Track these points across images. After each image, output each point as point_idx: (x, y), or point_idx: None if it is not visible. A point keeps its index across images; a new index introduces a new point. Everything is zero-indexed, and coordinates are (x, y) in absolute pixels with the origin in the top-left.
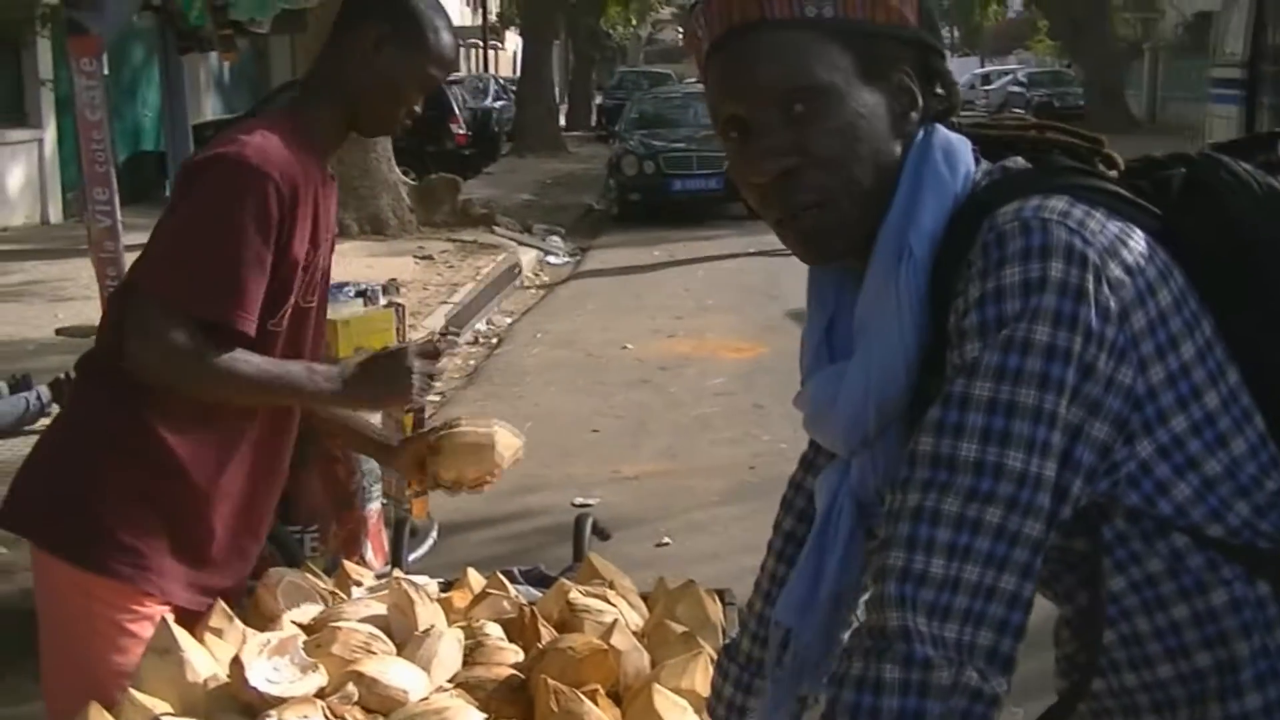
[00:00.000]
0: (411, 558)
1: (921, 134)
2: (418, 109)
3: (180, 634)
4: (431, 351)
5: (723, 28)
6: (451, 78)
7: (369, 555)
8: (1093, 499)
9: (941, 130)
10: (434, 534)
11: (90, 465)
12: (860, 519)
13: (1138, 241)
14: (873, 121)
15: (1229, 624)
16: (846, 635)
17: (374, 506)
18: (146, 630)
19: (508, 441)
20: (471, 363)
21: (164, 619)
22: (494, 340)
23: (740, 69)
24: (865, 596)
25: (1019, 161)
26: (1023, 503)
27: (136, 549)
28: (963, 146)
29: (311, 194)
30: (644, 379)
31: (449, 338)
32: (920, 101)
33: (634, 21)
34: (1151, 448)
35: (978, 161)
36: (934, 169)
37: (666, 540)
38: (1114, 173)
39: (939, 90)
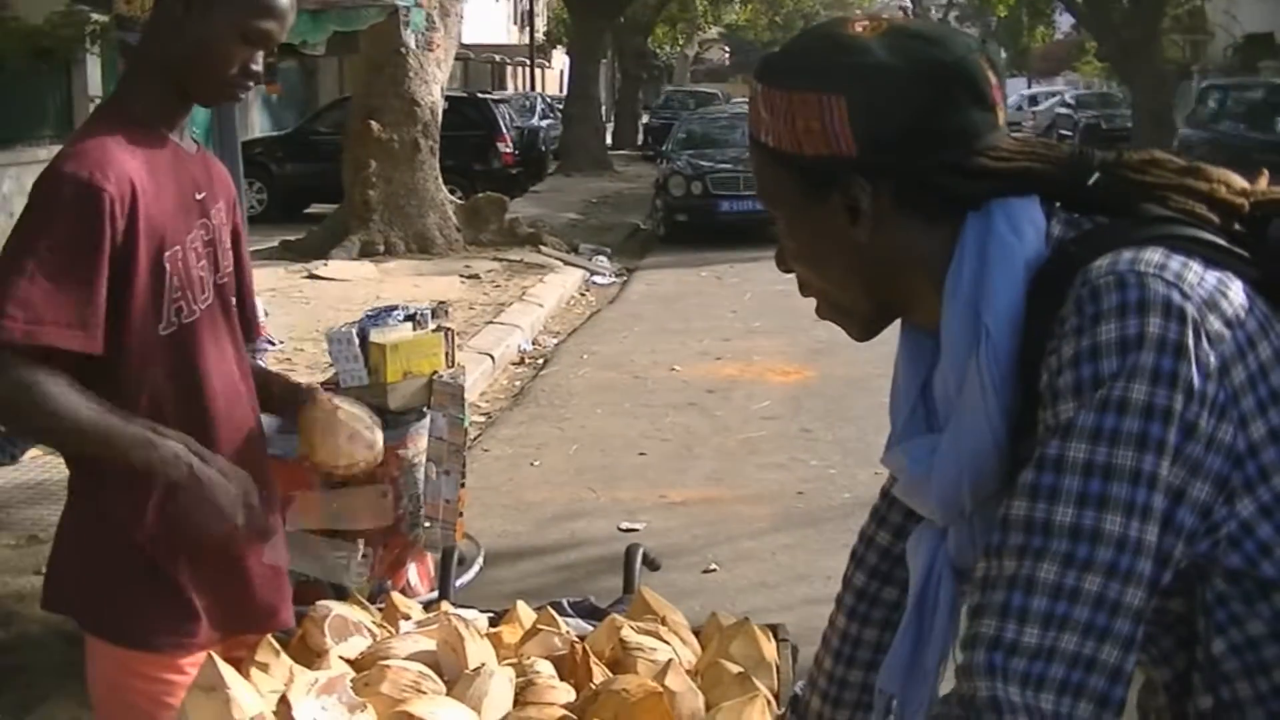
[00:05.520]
0: (457, 584)
1: (974, 221)
2: (256, 67)
3: (226, 670)
4: (260, 529)
5: None
6: (498, 96)
7: (414, 580)
8: (1192, 560)
9: (1001, 205)
10: (480, 560)
11: (91, 541)
12: (959, 586)
13: (1237, 293)
14: (830, 236)
15: None
16: None
17: (419, 531)
18: None
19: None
20: (518, 384)
21: (210, 656)
22: (540, 361)
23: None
24: (955, 665)
25: None
26: (1122, 569)
27: (163, 614)
28: (1028, 205)
29: (164, 178)
30: (691, 402)
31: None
32: (864, 206)
33: (681, 41)
34: (1254, 507)
35: (1051, 215)
36: (999, 240)
37: (714, 567)
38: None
39: (955, 190)
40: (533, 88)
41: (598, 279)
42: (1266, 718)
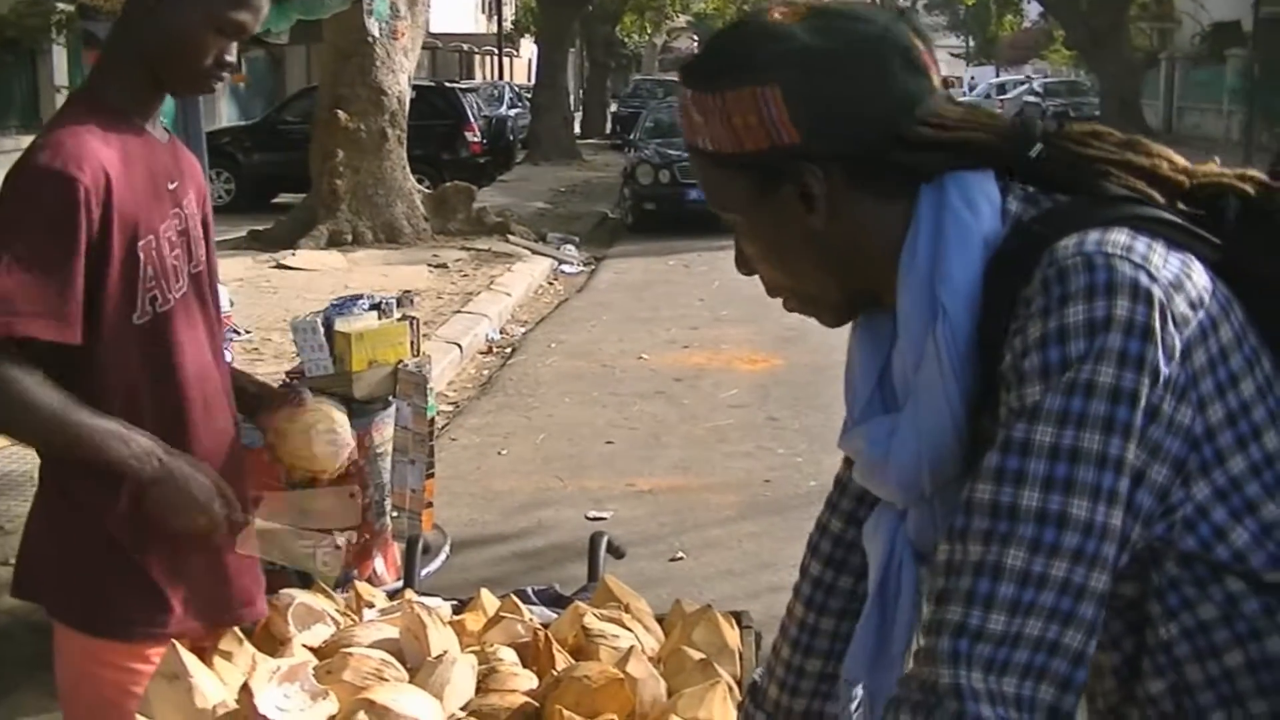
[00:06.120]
0: (423, 573)
1: (928, 194)
2: (230, 58)
3: (189, 659)
4: (234, 518)
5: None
6: (466, 85)
7: (381, 569)
8: (1148, 543)
9: (955, 178)
10: (446, 549)
11: (63, 529)
12: (920, 570)
13: (1200, 274)
14: (787, 226)
15: None
16: None
17: (386, 520)
18: None
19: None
20: (486, 373)
21: (173, 644)
22: (508, 350)
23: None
24: (915, 648)
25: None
26: (1088, 554)
27: (133, 603)
28: (982, 181)
29: (137, 168)
30: (659, 390)
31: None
32: (817, 191)
33: (649, 30)
34: (1208, 490)
35: (1005, 192)
36: (955, 216)
37: (681, 555)
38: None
39: (906, 165)
40: (501, 76)
41: (566, 268)
42: (1217, 701)
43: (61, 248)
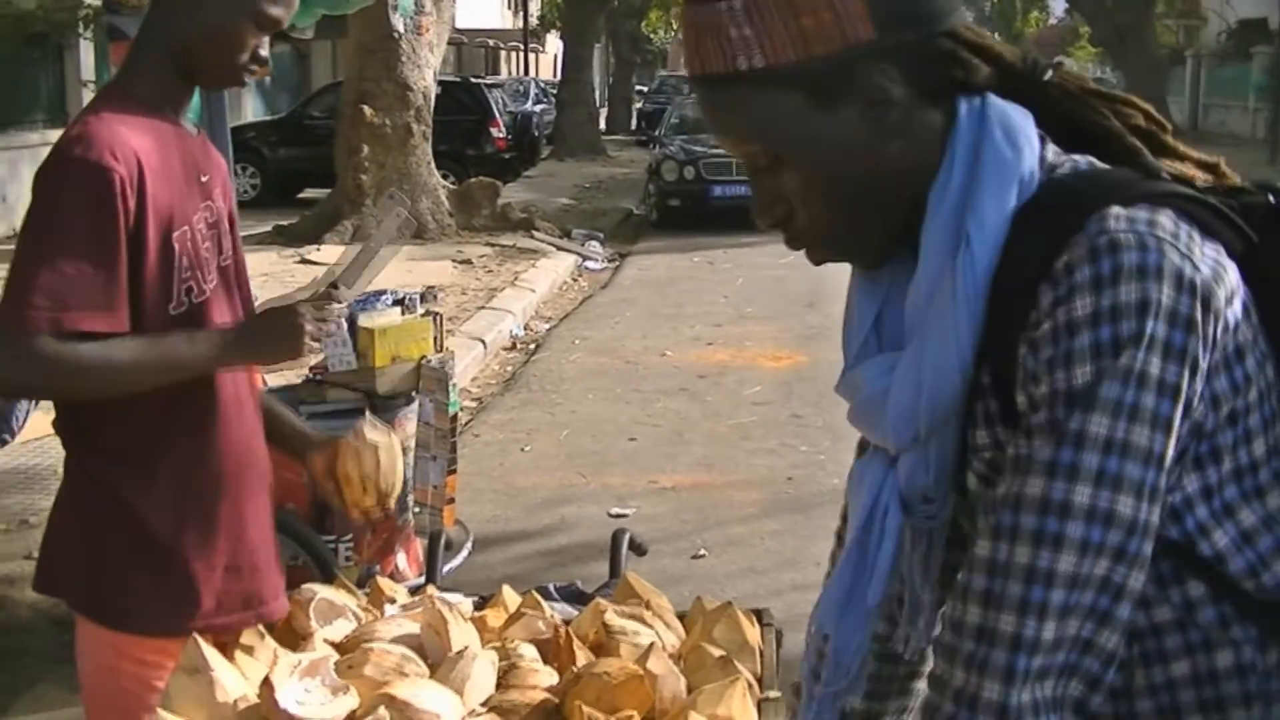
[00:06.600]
0: (445, 569)
1: (967, 107)
2: (264, 52)
3: (210, 653)
4: (324, 300)
5: (688, 72)
6: (491, 81)
7: (403, 565)
8: None
9: (997, 104)
10: (469, 545)
11: (89, 521)
12: (907, 519)
13: (1231, 271)
14: (849, 149)
15: (1229, 689)
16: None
17: (408, 516)
18: None
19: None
20: (509, 369)
21: (194, 637)
22: (532, 346)
23: (708, 117)
24: (941, 639)
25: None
26: (1130, 553)
27: (158, 596)
28: (1025, 123)
29: (170, 159)
30: (682, 387)
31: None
32: (895, 96)
33: (675, 26)
34: (1197, 484)
35: (1043, 139)
36: (995, 149)
37: (703, 552)
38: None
39: (964, 65)
40: (526, 72)
41: (590, 264)
42: (1154, 711)
43: (103, 238)
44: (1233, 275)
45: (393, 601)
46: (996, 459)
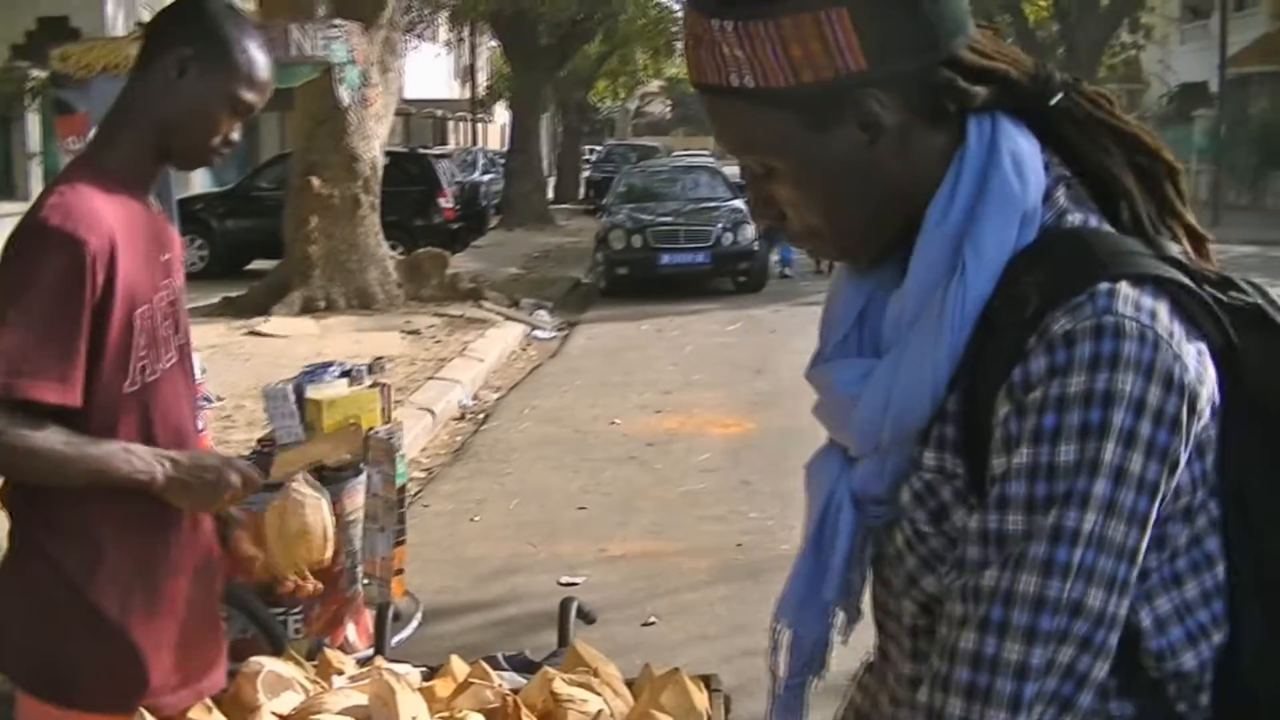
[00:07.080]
0: (395, 641)
1: (977, 130)
2: (235, 136)
3: None
4: (252, 474)
5: (689, 76)
6: (439, 151)
7: (352, 637)
8: None
9: (1009, 130)
10: (418, 616)
11: (33, 595)
12: (859, 517)
13: (1211, 371)
14: (842, 168)
15: None
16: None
17: (357, 588)
18: None
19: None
20: (459, 439)
21: (141, 712)
22: (481, 416)
23: (711, 121)
24: (938, 669)
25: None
26: (1096, 644)
27: (103, 673)
28: (1031, 152)
29: (137, 235)
30: (631, 455)
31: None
32: (889, 122)
33: (622, 95)
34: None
35: (1049, 166)
36: (1003, 179)
37: (654, 619)
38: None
39: (961, 95)
40: (474, 142)
41: (539, 333)
42: None
43: (66, 310)
44: (1211, 375)
45: (341, 673)
46: (935, 483)
